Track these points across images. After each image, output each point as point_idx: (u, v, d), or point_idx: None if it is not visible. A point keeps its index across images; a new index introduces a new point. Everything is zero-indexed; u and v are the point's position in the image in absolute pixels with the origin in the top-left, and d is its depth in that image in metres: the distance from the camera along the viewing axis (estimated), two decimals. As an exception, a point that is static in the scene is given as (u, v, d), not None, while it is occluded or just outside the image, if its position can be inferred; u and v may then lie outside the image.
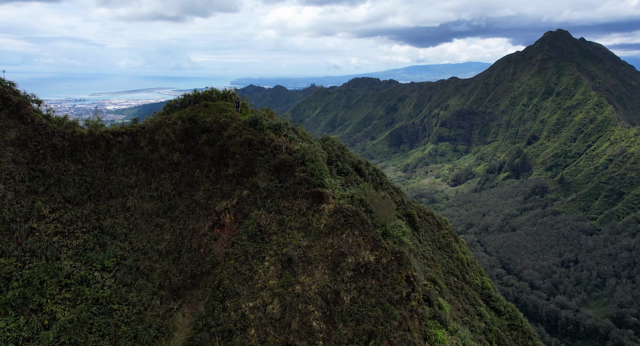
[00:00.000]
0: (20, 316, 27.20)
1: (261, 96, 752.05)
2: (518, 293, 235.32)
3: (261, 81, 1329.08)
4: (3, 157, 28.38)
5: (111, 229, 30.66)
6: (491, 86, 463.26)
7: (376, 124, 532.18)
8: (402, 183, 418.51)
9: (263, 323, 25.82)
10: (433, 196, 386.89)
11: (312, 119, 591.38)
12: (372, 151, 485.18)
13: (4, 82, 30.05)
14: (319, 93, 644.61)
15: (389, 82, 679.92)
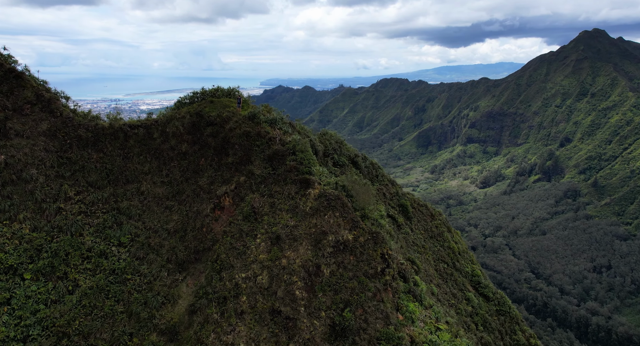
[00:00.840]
0: (49, 282, 32.06)
1: (289, 96, 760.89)
2: (547, 298, 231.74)
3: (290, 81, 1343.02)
4: (36, 146, 33.41)
5: (127, 210, 35.30)
6: (523, 87, 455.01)
7: (404, 125, 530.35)
8: (429, 184, 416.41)
9: (253, 291, 29.67)
10: (461, 198, 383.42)
11: (339, 119, 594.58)
12: (399, 152, 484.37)
13: (38, 80, 35.13)
14: (347, 94, 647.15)
15: (417, 82, 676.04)
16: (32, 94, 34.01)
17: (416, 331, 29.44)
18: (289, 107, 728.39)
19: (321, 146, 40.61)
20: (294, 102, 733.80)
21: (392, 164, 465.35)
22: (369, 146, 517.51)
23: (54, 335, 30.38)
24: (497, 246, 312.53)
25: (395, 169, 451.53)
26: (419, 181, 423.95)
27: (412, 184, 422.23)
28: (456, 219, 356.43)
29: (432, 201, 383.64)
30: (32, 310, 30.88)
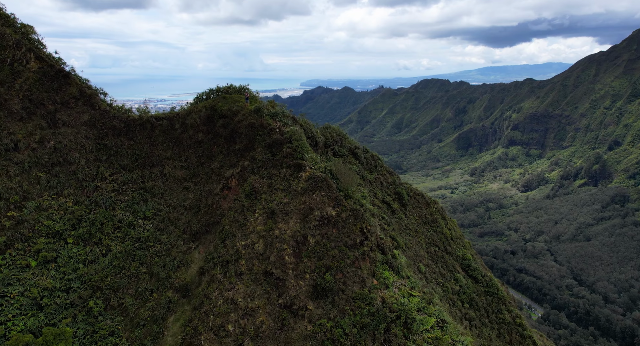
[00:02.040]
0: (87, 246, 39.30)
1: (329, 97, 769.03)
2: (590, 306, 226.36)
3: (330, 82, 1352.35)
4: (79, 134, 40.85)
5: (152, 190, 42.20)
6: (570, 88, 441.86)
7: (444, 127, 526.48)
8: (468, 187, 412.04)
9: (251, 256, 35.59)
10: (501, 201, 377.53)
11: (378, 120, 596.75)
12: (438, 154, 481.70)
13: (82, 79, 42.65)
14: (386, 95, 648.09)
15: (459, 83, 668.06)
16: (76, 91, 41.56)
17: (388, 294, 34.43)
18: (328, 108, 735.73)
19: (322, 138, 46.20)
20: (333, 103, 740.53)
21: (431, 166, 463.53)
22: (407, 147, 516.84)
23: (89, 288, 37.51)
24: (537, 251, 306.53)
25: (434, 171, 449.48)
26: (457, 183, 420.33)
27: (450, 187, 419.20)
28: (495, 223, 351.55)
29: (471, 204, 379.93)
30: (73, 267, 38.16)
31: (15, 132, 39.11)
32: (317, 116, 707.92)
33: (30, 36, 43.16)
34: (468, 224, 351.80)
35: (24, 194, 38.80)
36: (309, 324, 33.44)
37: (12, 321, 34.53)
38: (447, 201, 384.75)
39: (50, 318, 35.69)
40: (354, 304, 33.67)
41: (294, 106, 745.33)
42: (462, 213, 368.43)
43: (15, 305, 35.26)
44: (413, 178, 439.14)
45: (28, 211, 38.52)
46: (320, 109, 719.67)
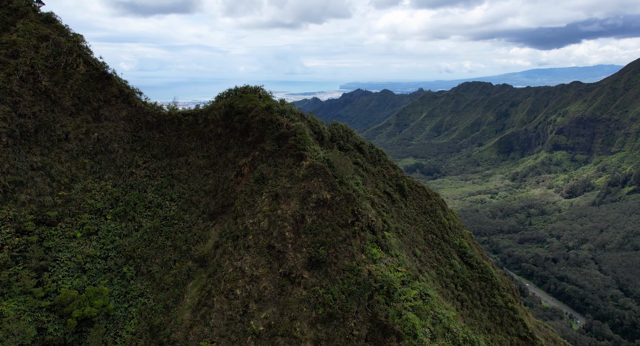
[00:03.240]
0: (122, 222, 47.03)
1: (367, 100, 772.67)
2: (636, 318, 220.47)
3: (370, 85, 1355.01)
4: (118, 127, 48.81)
5: (178, 176, 49.59)
6: (620, 91, 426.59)
7: (484, 130, 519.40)
8: (509, 192, 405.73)
9: (257, 232, 42.07)
10: (543, 207, 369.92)
11: (417, 123, 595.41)
12: (478, 158, 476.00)
13: (121, 80, 50.75)
14: (425, 97, 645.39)
15: (501, 86, 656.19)
16: (116, 90, 49.63)
17: (374, 268, 39.99)
18: (367, 111, 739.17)
19: (329, 133, 52.30)
20: (372, 106, 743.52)
21: (470, 170, 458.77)
22: (446, 150, 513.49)
23: (123, 257, 45.14)
24: (581, 259, 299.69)
25: (473, 175, 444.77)
26: (498, 188, 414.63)
27: (490, 191, 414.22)
28: (537, 229, 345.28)
29: (511, 210, 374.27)
30: (111, 239, 45.96)
31: (66, 125, 47.50)
32: (356, 119, 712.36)
33: (80, 44, 51.75)
34: (508, 230, 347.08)
35: (72, 177, 47.04)
36: (304, 290, 39.53)
37: (62, 280, 42.54)
38: (487, 206, 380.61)
39: (92, 280, 43.50)
40: (343, 274, 39.47)
41: (333, 109, 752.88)
42: (502, 218, 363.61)
43: (64, 268, 43.29)
44: (451, 182, 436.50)
45: (75, 191, 46.70)
46: (358, 112, 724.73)
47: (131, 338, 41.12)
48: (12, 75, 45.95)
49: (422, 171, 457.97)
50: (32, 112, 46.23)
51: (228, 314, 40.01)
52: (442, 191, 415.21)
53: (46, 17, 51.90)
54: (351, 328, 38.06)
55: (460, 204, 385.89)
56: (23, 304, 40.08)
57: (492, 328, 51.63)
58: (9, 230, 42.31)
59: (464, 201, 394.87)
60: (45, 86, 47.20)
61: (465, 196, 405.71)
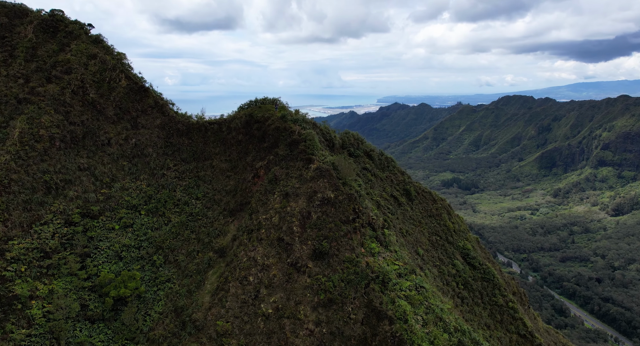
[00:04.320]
0: (154, 217, 54.39)
1: (404, 113, 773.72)
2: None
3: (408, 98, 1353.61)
4: (152, 134, 56.59)
5: (203, 177, 56.73)
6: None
7: (525, 145, 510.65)
8: (550, 208, 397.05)
9: (269, 227, 48.32)
10: (587, 225, 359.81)
11: (455, 137, 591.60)
12: (518, 173, 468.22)
13: (156, 93, 58.79)
14: (464, 111, 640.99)
15: (544, 100, 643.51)
16: (152, 101, 57.62)
17: (372, 260, 45.34)
18: (404, 125, 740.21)
19: (339, 140, 58.34)
20: (409, 120, 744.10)
21: (510, 185, 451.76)
22: (484, 165, 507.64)
23: (154, 247, 52.35)
24: (628, 280, 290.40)
25: (513, 191, 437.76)
26: (539, 205, 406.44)
27: (530, 207, 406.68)
28: (580, 248, 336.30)
29: (553, 227, 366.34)
30: (144, 232, 53.33)
31: (108, 132, 55.69)
32: (392, 133, 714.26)
33: (122, 61, 60.28)
34: (549, 248, 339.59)
35: (112, 177, 54.99)
36: (308, 278, 45.32)
37: (102, 265, 50.07)
38: (527, 223, 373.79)
39: (127, 266, 50.85)
40: (343, 265, 45.03)
41: (369, 122, 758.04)
42: (543, 235, 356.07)
43: (104, 255, 50.87)
44: (490, 197, 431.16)
45: (115, 189, 54.56)
46: (395, 125, 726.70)
47: (158, 317, 47.94)
48: (66, 88, 54.69)
49: (460, 185, 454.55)
50: (81, 121, 54.68)
51: (242, 298, 46.22)
52: (480, 206, 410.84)
53: (95, 38, 60.87)
54: (349, 312, 43.46)
55: (498, 220, 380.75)
56: (69, 284, 47.73)
57: (491, 324, 55.52)
58: (59, 221, 50.38)
59: (502, 217, 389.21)
60: (92, 97, 55.71)
61: (504, 211, 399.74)
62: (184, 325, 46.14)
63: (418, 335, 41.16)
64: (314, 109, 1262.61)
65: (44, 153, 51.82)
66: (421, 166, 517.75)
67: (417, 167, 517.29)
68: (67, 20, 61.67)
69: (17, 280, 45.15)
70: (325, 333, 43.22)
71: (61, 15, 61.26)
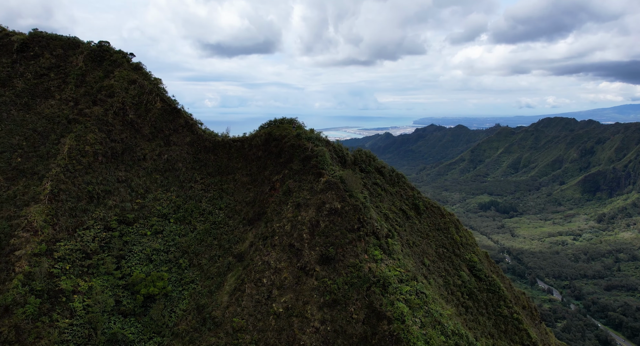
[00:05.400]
0: (182, 225, 61.39)
1: (441, 135, 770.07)
2: None
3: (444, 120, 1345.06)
4: (182, 150, 64.12)
5: (226, 190, 63.54)
6: None
7: (567, 168, 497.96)
8: (594, 234, 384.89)
9: (281, 234, 54.24)
10: (635, 252, 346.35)
11: (492, 160, 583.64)
12: (559, 197, 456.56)
13: (187, 113, 66.68)
14: (502, 133, 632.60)
15: (586, 122, 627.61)
16: (183, 121, 65.43)
17: (374, 266, 50.37)
18: (440, 146, 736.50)
19: (352, 157, 64.16)
20: (445, 141, 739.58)
21: (550, 210, 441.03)
22: (524, 188, 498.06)
23: (180, 251, 59.11)
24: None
25: (554, 215, 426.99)
26: (581, 230, 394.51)
27: (573, 233, 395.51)
28: (627, 276, 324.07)
29: (597, 253, 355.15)
30: (172, 238, 60.29)
31: (144, 148, 63.62)
32: (428, 154, 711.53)
33: (158, 85, 68.69)
34: (592, 275, 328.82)
35: (146, 188, 62.58)
36: (315, 281, 50.74)
37: (134, 266, 57.12)
38: (568, 248, 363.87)
39: (156, 267, 57.72)
40: (347, 269, 50.25)
41: (405, 144, 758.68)
42: (586, 262, 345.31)
43: (137, 257, 57.98)
44: (529, 221, 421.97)
45: (148, 199, 62.04)
46: (431, 147, 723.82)
47: (182, 314, 54.28)
48: (109, 110, 63.24)
49: (498, 209, 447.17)
50: (121, 138, 62.91)
51: (256, 298, 52.03)
52: (519, 231, 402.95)
53: (135, 66, 69.76)
54: (351, 312, 48.47)
55: (538, 245, 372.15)
56: (106, 281, 54.91)
57: (495, 334, 58.89)
58: (99, 227, 58.03)
59: (542, 242, 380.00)
60: (131, 118, 64.05)
61: (544, 236, 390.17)
62: (205, 321, 52.20)
63: (414, 335, 45.66)
64: (349, 130, 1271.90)
65: (88, 167, 60.03)
66: (457, 189, 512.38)
67: (453, 190, 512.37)
68: (112, 50, 71.05)
69: (63, 277, 52.61)
70: (329, 331, 48.23)
71: (107, 46, 70.70)
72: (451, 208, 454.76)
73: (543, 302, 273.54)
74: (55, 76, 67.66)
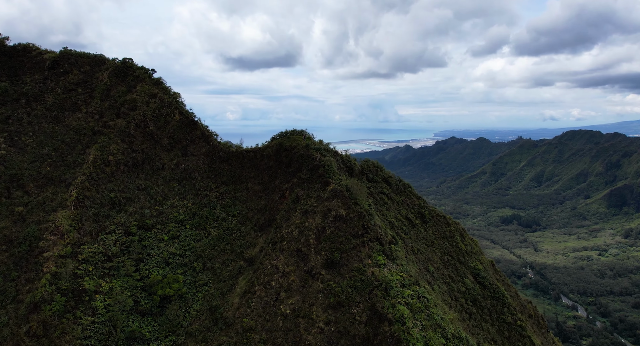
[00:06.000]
0: (197, 230, 65.33)
1: (462, 148, 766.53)
2: None
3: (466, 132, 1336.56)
4: (199, 160, 68.38)
5: (239, 197, 67.41)
6: None
7: (592, 182, 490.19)
8: (621, 249, 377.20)
9: (289, 239, 57.58)
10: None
11: (514, 173, 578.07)
12: (584, 211, 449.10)
13: (204, 125, 71.12)
14: (524, 146, 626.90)
15: (612, 135, 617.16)
16: (200, 133, 69.86)
17: (377, 270, 53.23)
18: (461, 159, 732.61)
19: (359, 167, 67.44)
20: (466, 154, 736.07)
21: (575, 224, 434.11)
22: (547, 202, 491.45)
23: (195, 255, 62.94)
24: None
25: (579, 230, 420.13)
26: (608, 245, 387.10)
27: (598, 248, 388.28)
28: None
29: (624, 270, 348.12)
30: (188, 243, 64.21)
31: (163, 158, 68.10)
32: (449, 167, 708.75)
33: (177, 99, 73.41)
34: (619, 292, 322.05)
35: (164, 196, 66.87)
36: (321, 284, 53.83)
37: (152, 269, 61.12)
38: (594, 264, 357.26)
39: (172, 270, 61.60)
40: (351, 273, 53.22)
41: (425, 157, 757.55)
42: (612, 278, 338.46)
43: (154, 261, 61.99)
44: (553, 235, 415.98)
45: (166, 206, 66.27)
46: (452, 160, 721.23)
47: (196, 314, 57.85)
48: (131, 122, 68.06)
49: (520, 222, 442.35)
50: (141, 149, 67.55)
51: (265, 300, 55.33)
52: (543, 245, 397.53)
53: (156, 81, 74.78)
54: (354, 314, 51.32)
55: (563, 260, 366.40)
56: (125, 283, 58.96)
57: (498, 340, 60.81)
58: (120, 231, 62.35)
59: (567, 257, 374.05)
60: (151, 130, 68.74)
61: (569, 251, 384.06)
62: (217, 321, 55.65)
63: (414, 336, 48.25)
64: (369, 143, 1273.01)
65: (111, 175, 64.67)
66: (478, 202, 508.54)
67: (474, 203, 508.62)
68: (135, 67, 76.33)
69: (86, 277, 56.85)
70: (333, 331, 51.12)
71: (130, 63, 76.02)
72: (472, 221, 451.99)
73: (567, 319, 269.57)
74: (83, 91, 73.19)
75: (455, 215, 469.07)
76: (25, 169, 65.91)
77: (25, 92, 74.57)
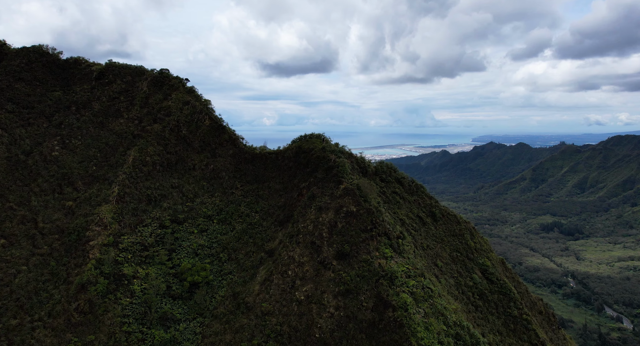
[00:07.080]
0: (223, 225, 72.67)
1: (501, 153, 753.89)
2: None
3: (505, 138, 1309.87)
4: (226, 161, 75.90)
5: (262, 195, 74.42)
6: None
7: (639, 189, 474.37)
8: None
9: (305, 233, 63.91)
10: None
11: (556, 179, 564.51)
12: (631, 219, 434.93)
13: (231, 129, 78.66)
14: (566, 152, 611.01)
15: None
16: (227, 136, 77.46)
17: (384, 262, 58.88)
18: (499, 165, 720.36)
19: (373, 168, 73.22)
20: (505, 160, 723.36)
21: (621, 233, 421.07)
22: (590, 209, 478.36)
23: (221, 247, 70.22)
24: None
25: (625, 239, 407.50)
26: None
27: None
28: None
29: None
30: (215, 236, 71.59)
31: (194, 159, 76.00)
32: (487, 173, 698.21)
33: (208, 106, 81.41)
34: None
35: (195, 194, 74.64)
36: (332, 273, 59.92)
37: (183, 258, 68.78)
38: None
39: (201, 260, 69.05)
40: (360, 264, 59.06)
41: (462, 162, 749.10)
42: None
43: (185, 251, 69.66)
44: (597, 244, 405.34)
45: (196, 203, 74.00)
46: (490, 165, 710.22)
47: (221, 299, 64.98)
48: (166, 127, 76.38)
49: (561, 230, 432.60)
50: (175, 151, 75.68)
51: (282, 287, 61.86)
52: (585, 254, 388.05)
53: (189, 89, 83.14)
54: (362, 301, 57.11)
55: (607, 269, 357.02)
56: (160, 270, 66.79)
57: (504, 332, 65.03)
58: (155, 225, 70.41)
59: (612, 267, 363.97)
60: (184, 133, 76.84)
61: (613, 261, 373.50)
62: (239, 305, 62.56)
63: (415, 321, 53.64)
64: (405, 148, 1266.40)
65: (148, 174, 72.99)
66: (517, 208, 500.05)
67: (512, 209, 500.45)
68: (171, 76, 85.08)
69: (125, 264, 64.97)
70: (342, 316, 57.04)
71: (167, 73, 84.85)
72: (510, 228, 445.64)
73: (611, 330, 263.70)
74: (125, 99, 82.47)
75: (493, 222, 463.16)
76: (74, 168, 75.25)
77: (76, 100, 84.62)
